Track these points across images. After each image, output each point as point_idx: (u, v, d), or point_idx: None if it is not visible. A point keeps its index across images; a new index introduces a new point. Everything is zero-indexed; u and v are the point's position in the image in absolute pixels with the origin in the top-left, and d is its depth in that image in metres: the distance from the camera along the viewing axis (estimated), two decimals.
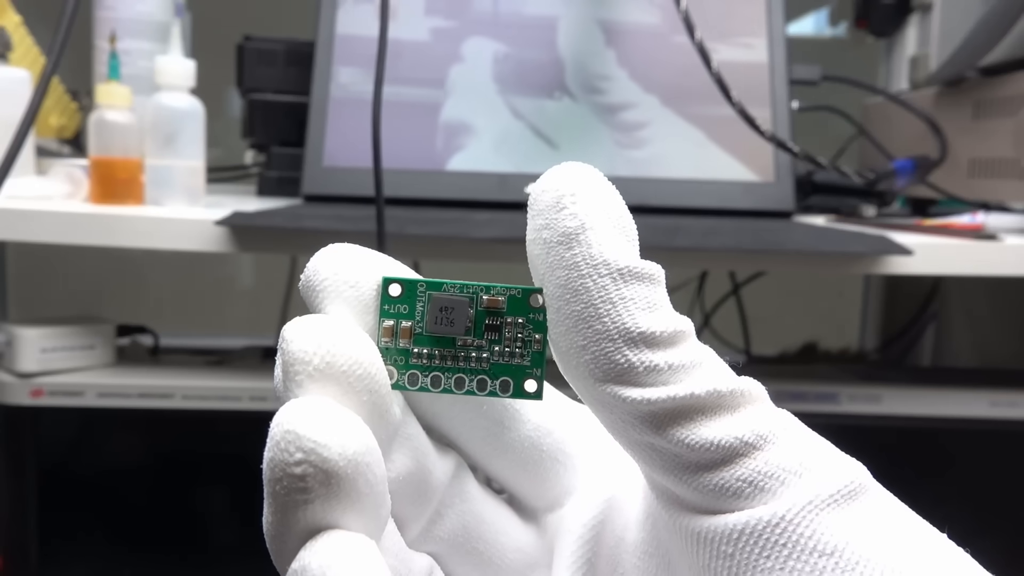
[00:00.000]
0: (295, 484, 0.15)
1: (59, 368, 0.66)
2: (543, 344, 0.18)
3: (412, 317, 0.18)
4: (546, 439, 0.21)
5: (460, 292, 0.18)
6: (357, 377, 0.17)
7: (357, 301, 0.18)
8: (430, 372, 0.18)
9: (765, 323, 1.10)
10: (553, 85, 0.74)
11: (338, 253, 0.19)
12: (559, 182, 0.18)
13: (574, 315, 0.17)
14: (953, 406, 0.70)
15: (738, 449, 0.16)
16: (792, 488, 0.16)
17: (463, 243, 0.59)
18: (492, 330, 0.18)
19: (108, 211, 0.59)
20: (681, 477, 0.17)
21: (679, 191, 0.73)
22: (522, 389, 0.18)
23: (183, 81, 0.63)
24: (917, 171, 0.75)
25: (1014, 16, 0.67)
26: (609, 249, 0.17)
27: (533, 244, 0.18)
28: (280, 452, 0.15)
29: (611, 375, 0.17)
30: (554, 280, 0.17)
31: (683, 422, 0.17)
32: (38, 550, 0.67)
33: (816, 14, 1.26)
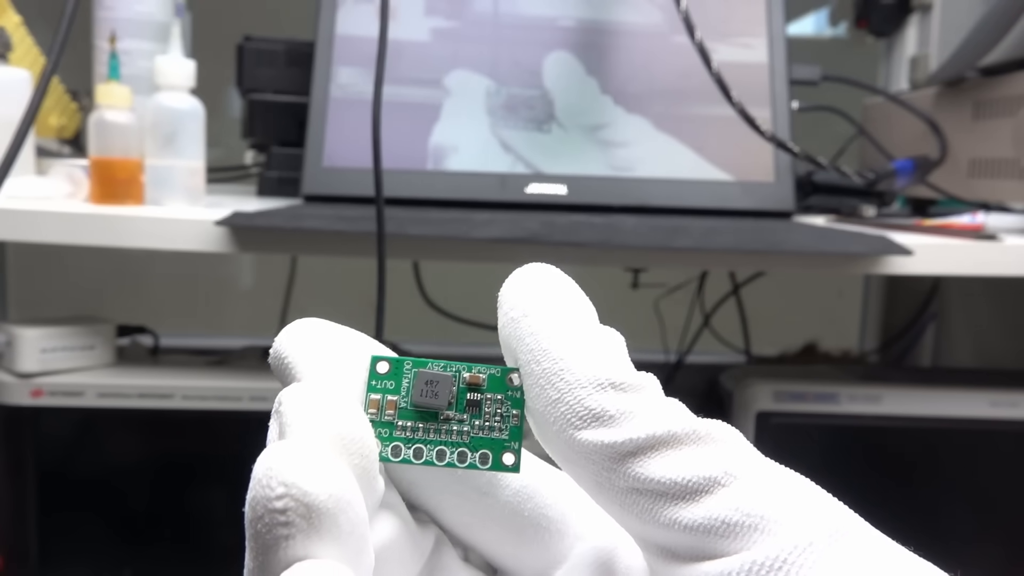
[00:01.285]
0: (276, 519, 0.15)
1: (59, 368, 0.66)
2: (521, 419, 0.19)
3: (398, 392, 0.19)
4: (527, 504, 0.20)
5: (444, 369, 0.19)
6: (351, 440, 0.17)
7: (338, 374, 0.19)
8: (413, 444, 0.19)
9: (765, 323, 1.10)
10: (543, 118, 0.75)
11: (312, 328, 0.19)
12: (522, 276, 0.19)
13: (546, 373, 0.18)
14: (953, 406, 0.70)
15: (704, 486, 0.17)
16: (781, 527, 0.16)
17: (463, 243, 0.59)
18: (472, 405, 0.19)
19: (108, 211, 0.59)
20: (659, 520, 0.17)
21: (679, 191, 0.73)
22: (500, 461, 0.19)
23: (183, 81, 0.63)
24: (917, 171, 0.75)
25: (1014, 16, 0.67)
26: (573, 315, 0.19)
27: (503, 328, 0.19)
28: (262, 489, 0.15)
29: (587, 419, 0.17)
30: (524, 348, 0.18)
31: (657, 459, 0.17)
32: (38, 550, 0.67)
33: (816, 14, 1.26)
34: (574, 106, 0.75)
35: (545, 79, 0.76)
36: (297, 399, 0.17)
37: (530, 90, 0.75)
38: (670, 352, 1.10)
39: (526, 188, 0.73)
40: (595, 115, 0.75)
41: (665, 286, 1.08)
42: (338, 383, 0.19)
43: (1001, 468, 0.72)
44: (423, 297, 1.02)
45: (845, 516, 0.17)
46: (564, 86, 0.76)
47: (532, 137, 0.74)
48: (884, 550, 0.16)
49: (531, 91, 0.75)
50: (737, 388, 0.71)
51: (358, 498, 0.16)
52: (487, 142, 0.74)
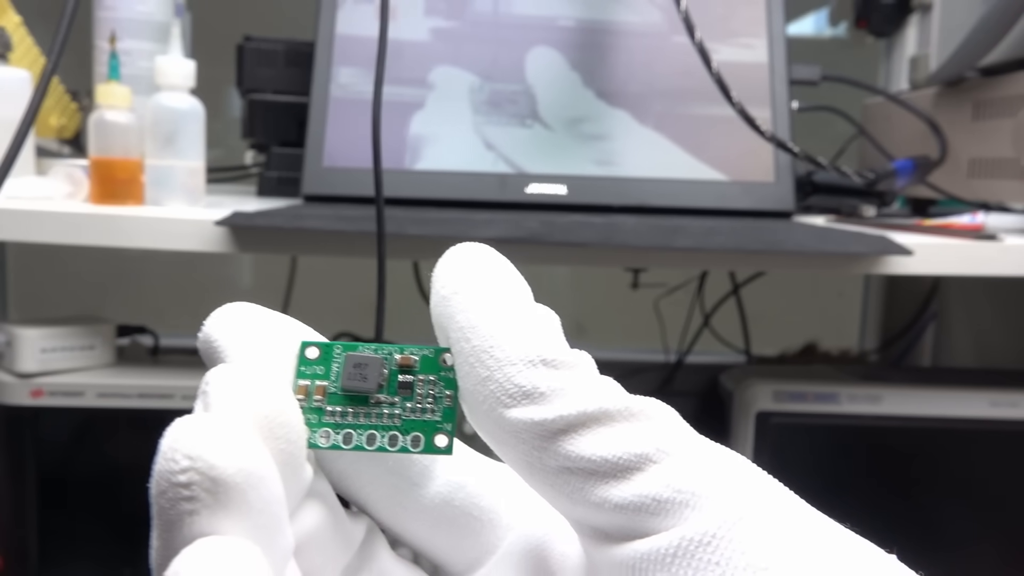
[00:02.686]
0: (179, 493, 0.14)
1: (59, 368, 0.66)
2: (454, 400, 0.19)
3: (327, 377, 0.19)
4: (458, 494, 0.20)
5: (375, 351, 0.19)
6: (278, 423, 0.16)
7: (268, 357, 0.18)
8: (342, 430, 0.18)
9: (765, 323, 1.10)
10: (525, 114, 0.75)
11: (242, 312, 0.19)
12: (454, 255, 0.19)
13: (476, 350, 0.17)
14: (953, 406, 0.70)
15: (635, 463, 0.16)
16: (712, 503, 0.16)
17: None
18: (404, 387, 0.19)
19: (108, 211, 0.59)
20: (590, 500, 0.16)
21: (679, 191, 0.73)
22: (432, 444, 0.18)
23: (183, 81, 0.63)
24: (917, 171, 0.75)
25: (1014, 16, 0.67)
26: (505, 293, 0.18)
27: (435, 307, 0.19)
28: (166, 462, 0.14)
29: (516, 397, 0.17)
30: (455, 326, 0.18)
31: (587, 437, 0.17)
32: (38, 550, 0.67)
33: (816, 14, 1.26)
34: (563, 104, 0.75)
35: (528, 74, 0.76)
36: (224, 378, 0.16)
37: (513, 85, 0.75)
38: (670, 352, 1.10)
39: (526, 188, 0.73)
40: (577, 110, 0.75)
41: (665, 286, 1.08)
42: (267, 366, 0.18)
43: (1001, 468, 0.72)
44: (423, 297, 1.02)
45: (776, 490, 0.17)
46: (547, 82, 0.75)
47: (514, 133, 0.74)
48: (815, 523, 0.16)
49: (514, 86, 0.75)
50: (737, 388, 0.71)
51: (272, 475, 0.15)
52: (470, 138, 0.74)
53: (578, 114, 0.75)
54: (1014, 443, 0.71)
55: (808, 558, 0.15)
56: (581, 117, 0.75)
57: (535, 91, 0.75)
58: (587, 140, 0.75)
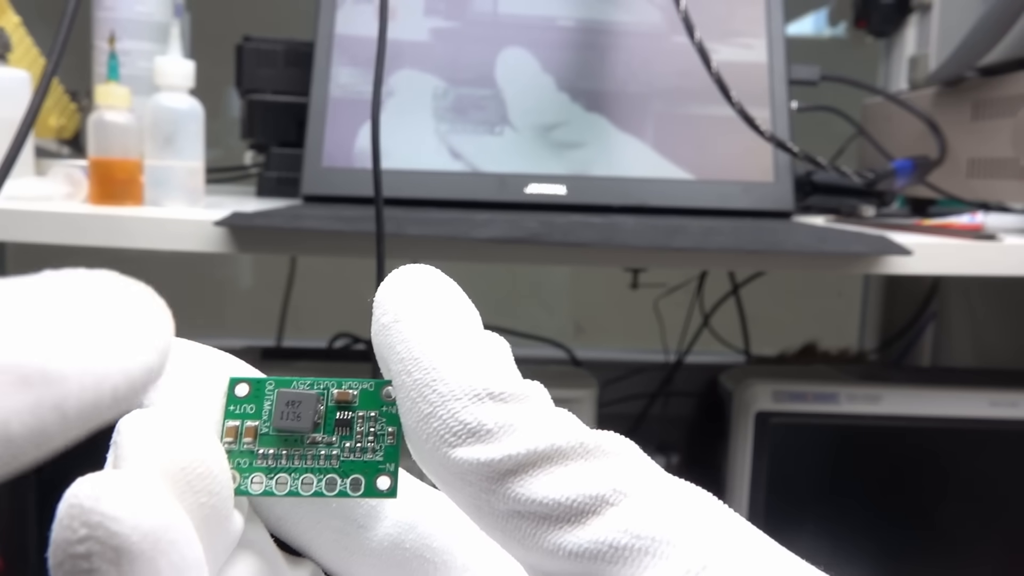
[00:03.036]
0: (78, 566, 0.13)
1: None
2: (397, 437, 0.17)
3: (259, 417, 0.17)
4: (408, 535, 0.18)
5: (309, 387, 0.18)
6: (197, 476, 0.15)
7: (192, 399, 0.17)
8: (275, 474, 0.17)
9: (765, 323, 1.10)
10: (495, 120, 0.74)
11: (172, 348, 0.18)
12: (396, 279, 0.18)
13: (417, 384, 0.16)
14: (953, 406, 0.70)
15: (591, 506, 0.15)
16: (673, 550, 0.15)
17: (462, 243, 0.59)
18: (343, 425, 0.17)
19: (108, 212, 0.59)
20: (543, 547, 0.15)
21: (679, 191, 0.74)
22: (374, 487, 0.17)
23: (182, 82, 0.63)
24: (916, 171, 0.75)
25: (1013, 16, 0.67)
26: (449, 320, 0.17)
27: (375, 336, 0.17)
28: (62, 530, 0.13)
29: (461, 435, 0.16)
30: (395, 357, 0.17)
31: (539, 477, 0.15)
32: (38, 550, 0.67)
33: (816, 14, 1.26)
34: (535, 109, 0.75)
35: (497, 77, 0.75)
36: (135, 427, 0.15)
37: (481, 89, 0.75)
38: (670, 352, 1.10)
39: (525, 188, 0.73)
40: (551, 115, 0.75)
41: (665, 286, 1.08)
42: (190, 409, 0.17)
43: (1001, 468, 0.72)
44: None
45: (743, 533, 0.15)
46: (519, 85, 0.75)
47: (482, 140, 0.74)
48: (785, 569, 0.15)
49: (482, 90, 0.75)
50: (737, 388, 0.71)
51: (186, 537, 0.14)
52: (434, 146, 0.74)
53: (552, 120, 0.75)
54: (1014, 443, 0.71)
55: None
56: (555, 123, 0.75)
57: (504, 95, 0.75)
58: (561, 148, 0.74)
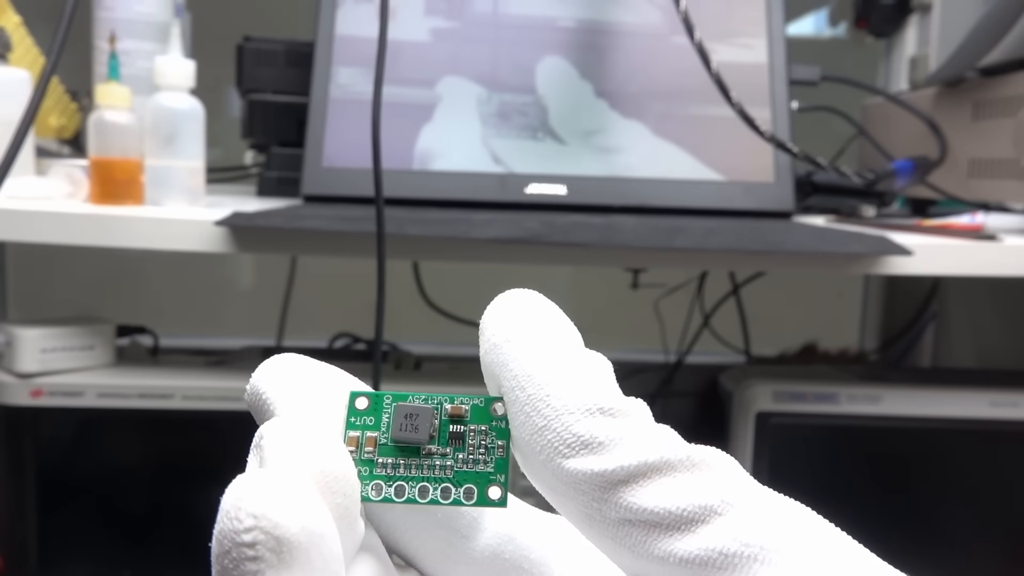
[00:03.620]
0: (244, 553, 0.14)
1: (59, 368, 0.66)
2: (506, 450, 0.18)
3: (378, 428, 0.18)
4: (508, 546, 0.19)
5: (425, 401, 0.19)
6: (335, 478, 0.16)
7: (318, 410, 0.18)
8: (394, 482, 0.18)
9: (765, 323, 1.10)
10: (536, 127, 0.74)
11: (289, 364, 0.19)
12: (504, 302, 0.19)
13: (531, 399, 0.17)
14: (953, 406, 0.70)
15: (700, 515, 0.16)
16: (782, 557, 0.15)
17: (463, 243, 0.59)
18: (456, 438, 0.18)
19: (108, 211, 0.59)
20: (654, 553, 0.16)
21: (679, 192, 0.73)
22: (486, 496, 0.18)
23: (183, 81, 0.63)
24: (917, 171, 0.75)
25: (1014, 16, 0.67)
26: (558, 340, 0.18)
27: (486, 355, 0.18)
28: (229, 521, 0.14)
29: (575, 447, 0.16)
30: (508, 374, 0.18)
31: (649, 488, 0.16)
32: (38, 550, 0.67)
33: (816, 14, 1.26)
34: (568, 113, 0.75)
35: (538, 85, 0.76)
36: (279, 433, 0.16)
37: (523, 96, 0.75)
38: (670, 352, 1.10)
39: (526, 188, 0.73)
40: (589, 121, 0.75)
41: (665, 286, 1.08)
42: (318, 419, 0.18)
43: (1001, 468, 0.72)
44: (423, 297, 1.02)
45: (847, 545, 0.16)
46: (557, 92, 0.75)
47: (524, 145, 0.74)
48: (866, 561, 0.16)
49: (524, 97, 0.75)
50: (737, 388, 0.71)
51: (332, 534, 0.15)
52: (477, 151, 0.74)
53: (592, 126, 0.75)
54: (1014, 443, 0.71)
55: None
56: (595, 129, 0.75)
57: (546, 102, 0.75)
58: (601, 152, 0.75)
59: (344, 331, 0.96)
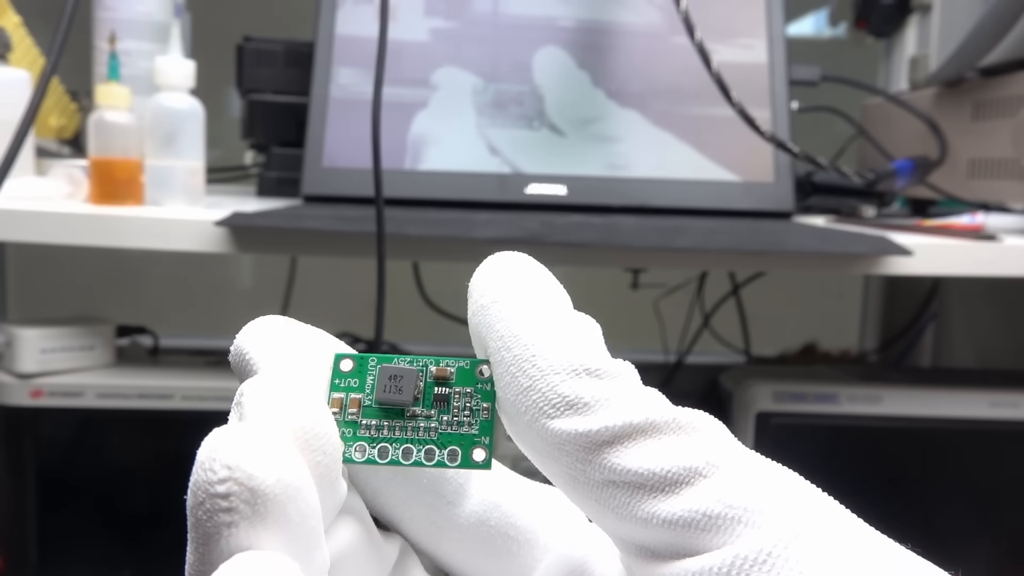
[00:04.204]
0: (217, 504, 0.14)
1: (59, 368, 0.66)
2: (491, 413, 0.18)
3: (362, 390, 0.18)
4: (494, 513, 0.19)
5: (410, 363, 0.18)
6: (314, 435, 0.16)
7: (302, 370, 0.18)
8: (377, 444, 0.18)
9: (765, 323, 1.10)
10: (532, 116, 0.74)
11: (274, 325, 0.18)
12: (492, 264, 0.19)
13: (517, 359, 0.17)
14: (953, 406, 0.70)
15: (685, 477, 0.16)
16: (766, 519, 0.15)
17: (463, 243, 0.59)
18: (440, 400, 0.18)
19: (108, 211, 0.59)
20: (637, 515, 0.16)
21: (679, 191, 0.73)
22: (470, 458, 0.18)
23: (183, 81, 0.63)
24: (917, 171, 0.75)
25: (1014, 16, 0.67)
26: (545, 301, 0.18)
27: (473, 317, 0.18)
28: (203, 472, 0.14)
29: (560, 407, 0.16)
30: (494, 335, 0.17)
31: (634, 449, 0.16)
32: (38, 550, 0.67)
33: (816, 14, 1.26)
34: (565, 102, 0.75)
35: (535, 75, 0.76)
36: (259, 389, 0.16)
37: (519, 86, 0.75)
38: (670, 352, 1.10)
39: (525, 188, 0.73)
40: (587, 110, 0.75)
41: (665, 286, 1.08)
42: (301, 378, 0.18)
43: (1001, 468, 0.72)
44: (423, 297, 1.02)
45: (832, 507, 0.16)
46: (554, 82, 0.75)
47: (521, 135, 0.74)
48: (873, 542, 0.16)
49: (520, 87, 0.75)
50: (737, 388, 0.71)
51: (310, 488, 0.15)
52: (473, 142, 0.74)
53: (589, 115, 0.75)
54: (1014, 443, 0.71)
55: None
56: (592, 118, 0.75)
57: (543, 92, 0.75)
58: (598, 142, 0.75)
59: (344, 331, 0.96)
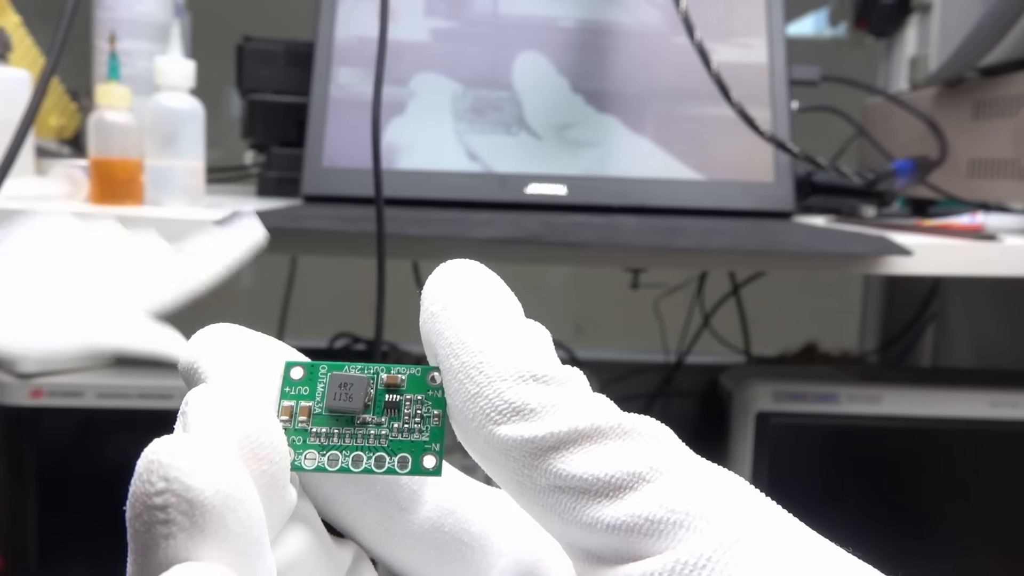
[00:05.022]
0: (155, 516, 0.14)
1: (59, 368, 0.66)
2: (442, 419, 0.18)
3: (312, 398, 0.18)
4: (448, 519, 0.19)
5: (361, 371, 0.19)
6: (260, 444, 0.16)
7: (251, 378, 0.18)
8: (327, 451, 0.18)
9: (765, 323, 1.10)
10: (511, 121, 0.74)
11: (224, 333, 0.19)
12: (443, 272, 0.19)
13: (464, 366, 0.17)
14: (953, 406, 0.70)
15: (628, 482, 0.16)
16: (707, 524, 0.15)
17: (462, 243, 0.59)
18: (391, 408, 0.18)
19: (108, 211, 0.59)
20: (582, 520, 0.16)
21: (679, 192, 0.73)
22: (421, 465, 0.18)
23: (183, 81, 0.63)
24: (917, 171, 0.75)
25: (1014, 16, 0.67)
26: (494, 308, 0.18)
27: (423, 324, 0.18)
28: (142, 484, 0.14)
29: (506, 413, 0.16)
30: (443, 342, 0.18)
31: (579, 454, 0.16)
32: (38, 550, 0.67)
33: (816, 14, 1.26)
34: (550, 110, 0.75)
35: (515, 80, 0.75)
36: (204, 398, 0.16)
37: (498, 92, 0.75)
38: (670, 352, 1.10)
39: (526, 188, 0.73)
40: (565, 116, 0.75)
41: (665, 286, 1.08)
42: (250, 386, 0.18)
43: (1001, 468, 0.72)
44: None
45: (774, 512, 0.16)
46: (534, 88, 0.75)
47: (499, 141, 0.74)
48: (814, 547, 0.16)
49: (499, 93, 0.75)
50: (737, 388, 0.71)
51: (252, 498, 0.15)
52: (452, 147, 0.74)
53: (566, 120, 0.75)
54: (1014, 443, 0.71)
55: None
56: (569, 123, 0.75)
57: (521, 97, 0.75)
58: (576, 147, 0.74)
59: (344, 331, 0.96)
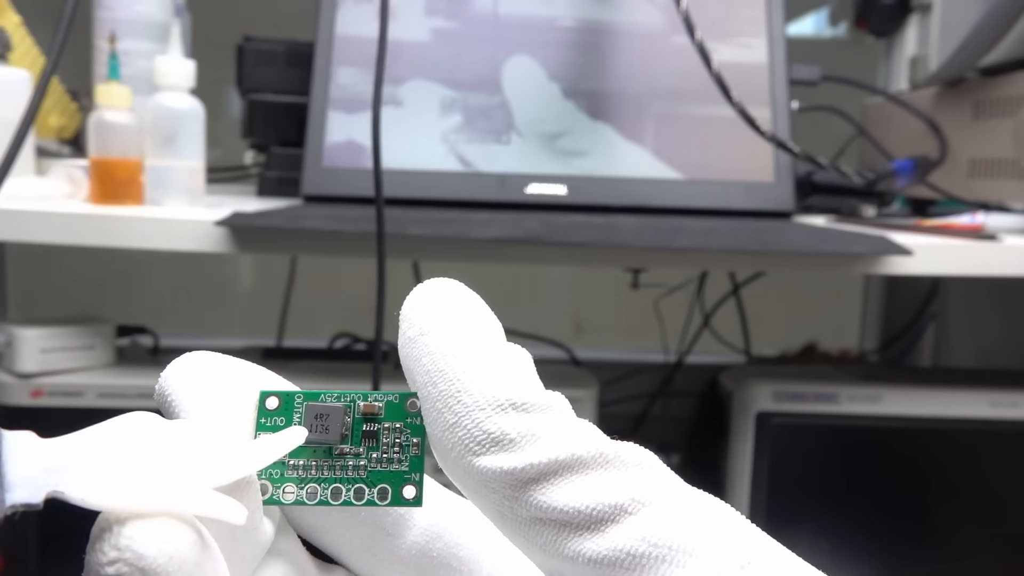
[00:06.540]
0: None
1: (59, 368, 0.66)
2: (421, 448, 0.18)
3: None
4: (436, 544, 0.19)
5: (336, 400, 0.18)
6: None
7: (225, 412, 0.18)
8: (306, 484, 0.18)
9: (765, 323, 1.10)
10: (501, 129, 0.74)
11: (199, 363, 0.18)
12: (421, 293, 0.18)
13: (443, 395, 0.17)
14: (953, 406, 0.70)
15: (610, 514, 0.15)
16: (691, 559, 0.15)
17: (462, 243, 0.59)
18: (369, 437, 0.18)
19: (108, 211, 0.59)
20: (564, 553, 0.16)
21: (679, 192, 0.73)
22: (400, 496, 0.18)
23: (183, 81, 0.63)
24: (917, 171, 0.75)
25: (1014, 16, 0.67)
26: (474, 333, 0.17)
27: (401, 349, 0.18)
28: (95, 553, 0.14)
29: (485, 444, 0.16)
30: (421, 369, 0.17)
31: (560, 486, 0.16)
32: (38, 550, 0.67)
33: (816, 14, 1.26)
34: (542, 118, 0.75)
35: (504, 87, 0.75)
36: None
37: (489, 98, 0.75)
38: (670, 352, 1.10)
39: (526, 188, 0.73)
40: (557, 124, 0.75)
41: (665, 286, 1.08)
42: (223, 422, 0.17)
43: (1001, 468, 0.72)
44: None
45: (759, 545, 0.16)
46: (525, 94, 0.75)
47: (490, 149, 0.74)
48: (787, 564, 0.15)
49: (490, 99, 0.75)
50: (737, 388, 0.71)
51: (211, 556, 0.15)
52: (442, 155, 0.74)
53: (557, 128, 0.75)
54: (1014, 443, 0.71)
55: None
56: (560, 132, 0.75)
57: (512, 104, 0.75)
58: (568, 156, 0.74)
59: (344, 331, 0.96)
